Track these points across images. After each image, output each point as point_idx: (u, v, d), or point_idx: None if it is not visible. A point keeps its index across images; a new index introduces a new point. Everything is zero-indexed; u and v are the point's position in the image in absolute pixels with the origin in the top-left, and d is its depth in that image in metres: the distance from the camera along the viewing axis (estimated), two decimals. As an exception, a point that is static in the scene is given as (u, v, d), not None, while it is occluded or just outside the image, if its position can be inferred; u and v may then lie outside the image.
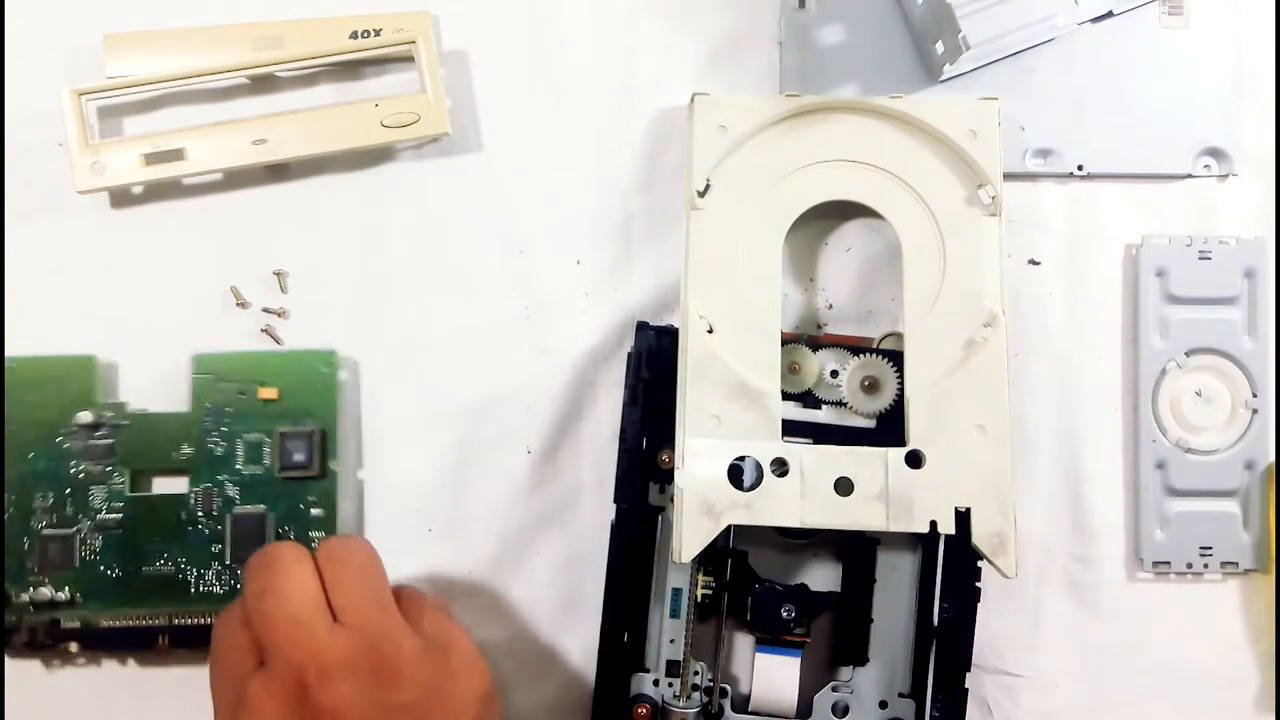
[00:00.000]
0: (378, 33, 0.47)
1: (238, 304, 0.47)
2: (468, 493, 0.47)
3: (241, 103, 0.48)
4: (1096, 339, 0.48)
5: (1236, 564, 0.47)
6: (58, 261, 0.47)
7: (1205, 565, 0.47)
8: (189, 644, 0.45)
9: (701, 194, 0.44)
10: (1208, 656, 0.47)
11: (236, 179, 0.47)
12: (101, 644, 0.45)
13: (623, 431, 0.44)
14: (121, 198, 0.47)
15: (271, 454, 0.45)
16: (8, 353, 0.46)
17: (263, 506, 0.45)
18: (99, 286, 0.47)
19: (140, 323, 0.47)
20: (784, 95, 0.45)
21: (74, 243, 0.47)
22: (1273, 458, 0.47)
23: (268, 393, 0.46)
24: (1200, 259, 0.47)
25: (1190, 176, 0.48)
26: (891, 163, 0.45)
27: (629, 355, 0.45)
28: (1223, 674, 0.47)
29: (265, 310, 0.47)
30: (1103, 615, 0.47)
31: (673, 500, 0.43)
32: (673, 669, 0.44)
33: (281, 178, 0.47)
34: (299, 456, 0.45)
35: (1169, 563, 0.47)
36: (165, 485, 0.46)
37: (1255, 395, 0.47)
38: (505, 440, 0.47)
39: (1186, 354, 0.47)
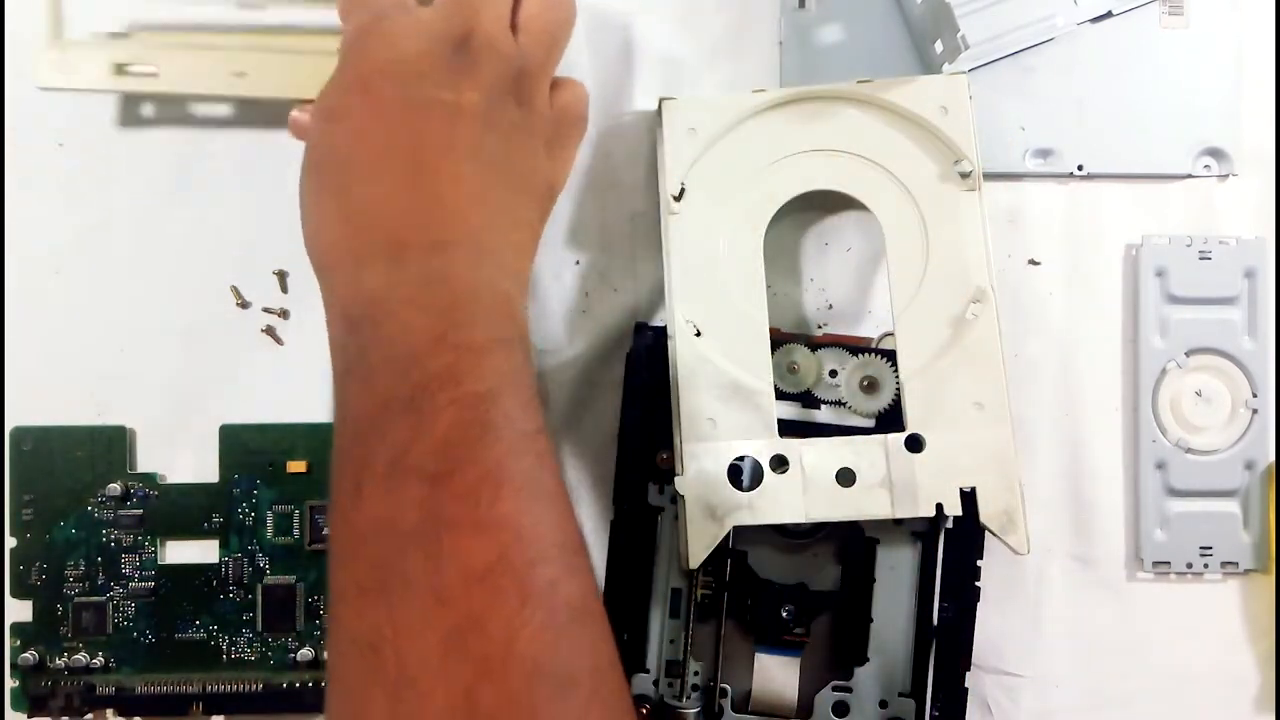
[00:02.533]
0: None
1: (238, 304, 0.47)
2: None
3: (230, 37, 0.47)
4: (1096, 339, 0.48)
5: (1236, 564, 0.47)
6: (59, 263, 0.47)
7: (1205, 565, 0.47)
8: (222, 710, 0.46)
9: (677, 198, 0.44)
10: (1208, 656, 0.47)
11: (237, 176, 0.47)
12: (136, 709, 0.46)
13: (621, 432, 0.44)
14: (123, 193, 0.47)
15: (301, 526, 0.46)
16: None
17: (292, 578, 0.46)
18: (100, 286, 0.47)
19: (140, 326, 0.47)
20: (751, 91, 0.45)
21: (74, 242, 0.47)
22: (1273, 458, 0.47)
23: (297, 466, 0.46)
24: (1200, 259, 0.47)
25: (1190, 176, 0.48)
26: (866, 148, 0.44)
27: (628, 356, 0.45)
28: (1223, 674, 0.47)
29: (265, 310, 0.47)
30: (1103, 615, 0.47)
31: (673, 501, 0.43)
32: (672, 669, 0.44)
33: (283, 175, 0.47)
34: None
35: (1169, 563, 0.47)
36: (196, 554, 0.47)
37: (1255, 395, 0.47)
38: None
39: (1186, 354, 0.47)
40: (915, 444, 0.42)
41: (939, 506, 0.42)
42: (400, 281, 0.35)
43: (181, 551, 0.47)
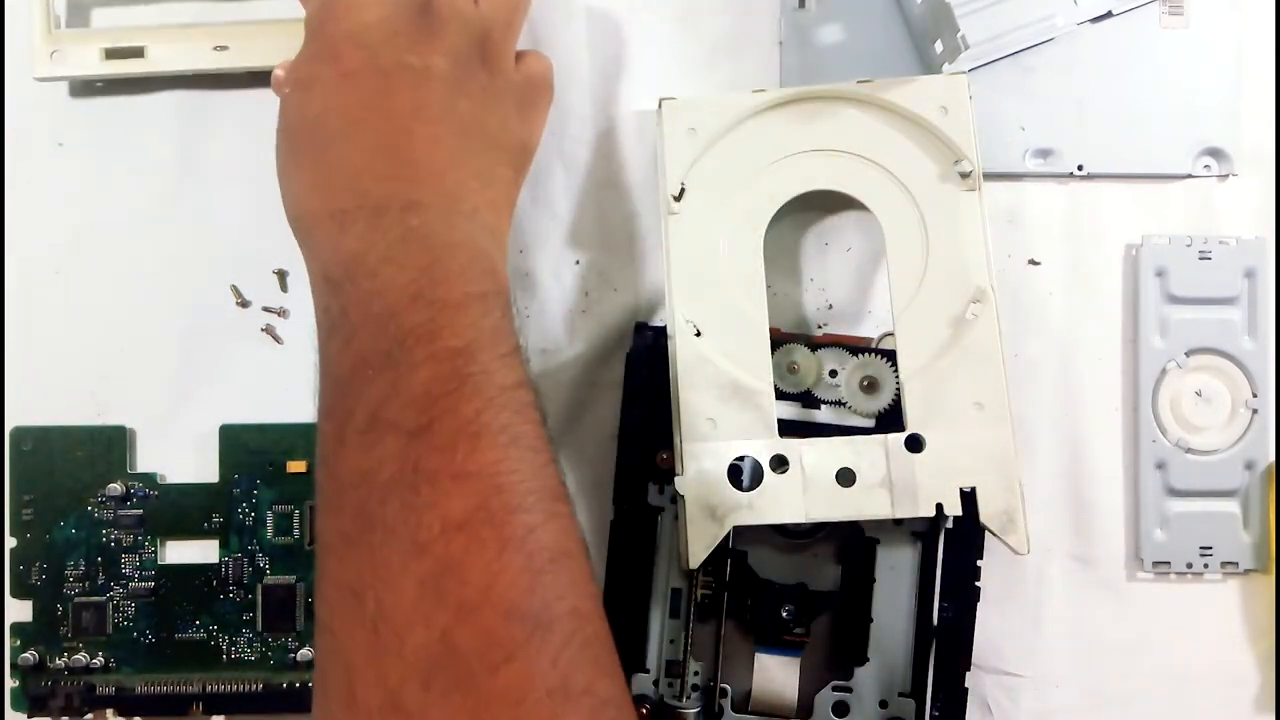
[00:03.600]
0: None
1: (238, 304, 0.47)
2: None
3: (213, 7, 0.48)
4: (1096, 339, 0.48)
5: (1236, 564, 0.47)
6: (59, 263, 0.47)
7: (1205, 565, 0.47)
8: (222, 710, 0.46)
9: (677, 198, 0.44)
10: (1208, 656, 0.47)
11: (236, 176, 0.47)
12: (136, 709, 0.46)
13: (621, 432, 0.44)
14: (122, 193, 0.47)
15: (301, 526, 0.46)
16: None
17: (292, 577, 0.46)
18: (100, 286, 0.47)
19: (140, 326, 0.47)
20: (751, 91, 0.45)
21: (74, 242, 0.47)
22: (1273, 458, 0.47)
23: (296, 466, 0.46)
24: (1200, 259, 0.47)
25: (1190, 176, 0.48)
26: (866, 148, 0.44)
27: (627, 356, 0.45)
28: (1223, 674, 0.47)
29: (265, 309, 0.47)
30: (1102, 615, 0.47)
31: (673, 501, 0.43)
32: (672, 669, 0.44)
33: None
34: None
35: (1169, 563, 0.47)
36: (196, 554, 0.47)
37: (1255, 395, 0.47)
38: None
39: (1186, 354, 0.47)
40: (915, 444, 0.42)
41: (939, 506, 0.42)
42: (378, 241, 0.36)
43: (181, 551, 0.47)
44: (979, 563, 0.43)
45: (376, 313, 0.35)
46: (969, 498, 0.42)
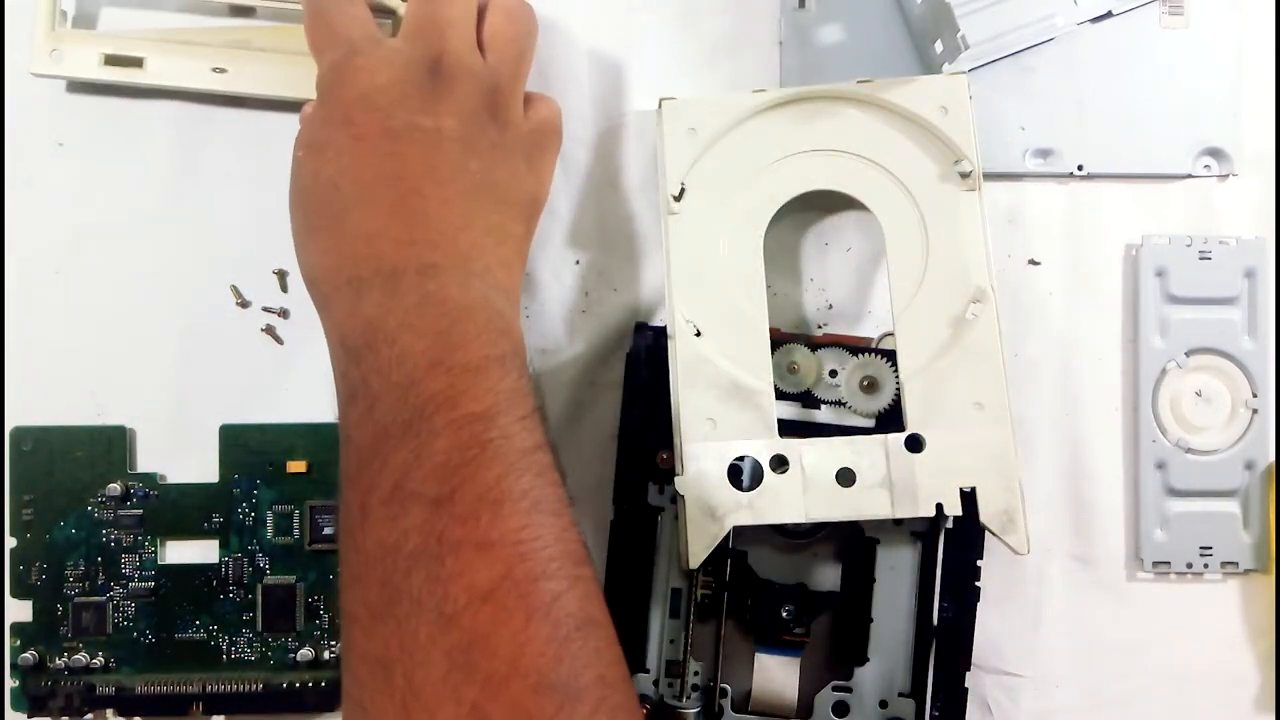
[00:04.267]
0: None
1: (238, 304, 0.47)
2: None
3: (216, 34, 0.47)
4: (1096, 339, 0.48)
5: (1236, 564, 0.47)
6: (59, 262, 0.47)
7: (1205, 565, 0.47)
8: (222, 710, 0.46)
9: (677, 198, 0.44)
10: (1208, 656, 0.47)
11: (236, 176, 0.47)
12: (136, 709, 0.46)
13: (621, 432, 0.44)
14: (122, 193, 0.47)
15: (301, 526, 0.46)
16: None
17: (292, 577, 0.46)
18: (100, 286, 0.47)
19: (140, 325, 0.47)
20: (751, 91, 0.45)
21: (74, 242, 0.47)
22: (1273, 458, 0.47)
23: (297, 466, 0.46)
24: (1200, 259, 0.47)
25: (1190, 176, 0.48)
26: (866, 148, 0.44)
27: (627, 356, 0.45)
28: (1223, 674, 0.47)
29: (265, 310, 0.47)
30: (1102, 615, 0.47)
31: (673, 501, 0.43)
32: (673, 669, 0.44)
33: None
34: (329, 530, 0.46)
35: (1169, 563, 0.47)
36: (196, 554, 0.47)
37: (1255, 395, 0.47)
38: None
39: (1186, 354, 0.47)
40: (915, 444, 0.42)
41: (939, 506, 0.42)
42: (395, 307, 0.36)
43: (181, 551, 0.47)
44: (979, 563, 0.43)
45: (396, 381, 0.35)
46: (969, 498, 0.42)
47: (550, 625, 0.32)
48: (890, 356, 0.44)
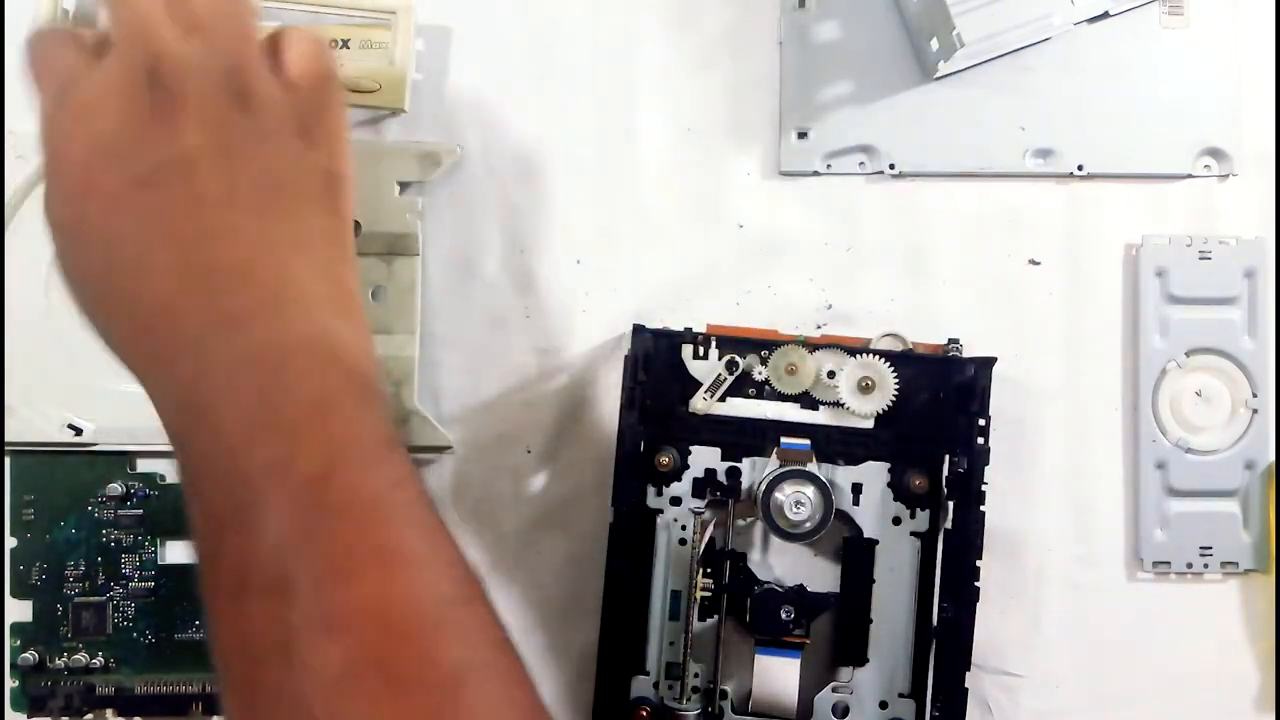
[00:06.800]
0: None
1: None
2: (468, 493, 0.47)
3: None
4: (1096, 339, 0.48)
5: (1236, 564, 0.47)
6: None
7: (1205, 565, 0.47)
8: (222, 710, 0.46)
9: None
10: (1208, 656, 0.47)
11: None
12: (136, 709, 0.46)
13: (620, 435, 0.44)
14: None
15: None
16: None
17: None
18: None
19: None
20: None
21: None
22: (1273, 458, 0.47)
23: None
24: (1200, 259, 0.47)
25: (1190, 176, 0.48)
26: None
27: (626, 358, 0.45)
28: (1223, 674, 0.47)
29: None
30: (1103, 615, 0.47)
31: (672, 503, 0.43)
32: (672, 671, 0.44)
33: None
34: None
35: (1169, 563, 0.47)
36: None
37: (1255, 395, 0.47)
38: (505, 440, 0.47)
39: (1186, 354, 0.47)
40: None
41: None
42: (203, 377, 0.31)
43: (181, 551, 0.46)
44: (979, 563, 0.43)
45: (217, 465, 0.31)
46: None
47: (419, 693, 0.29)
48: (889, 357, 0.44)
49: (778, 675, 0.44)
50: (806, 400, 0.45)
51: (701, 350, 0.45)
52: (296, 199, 0.35)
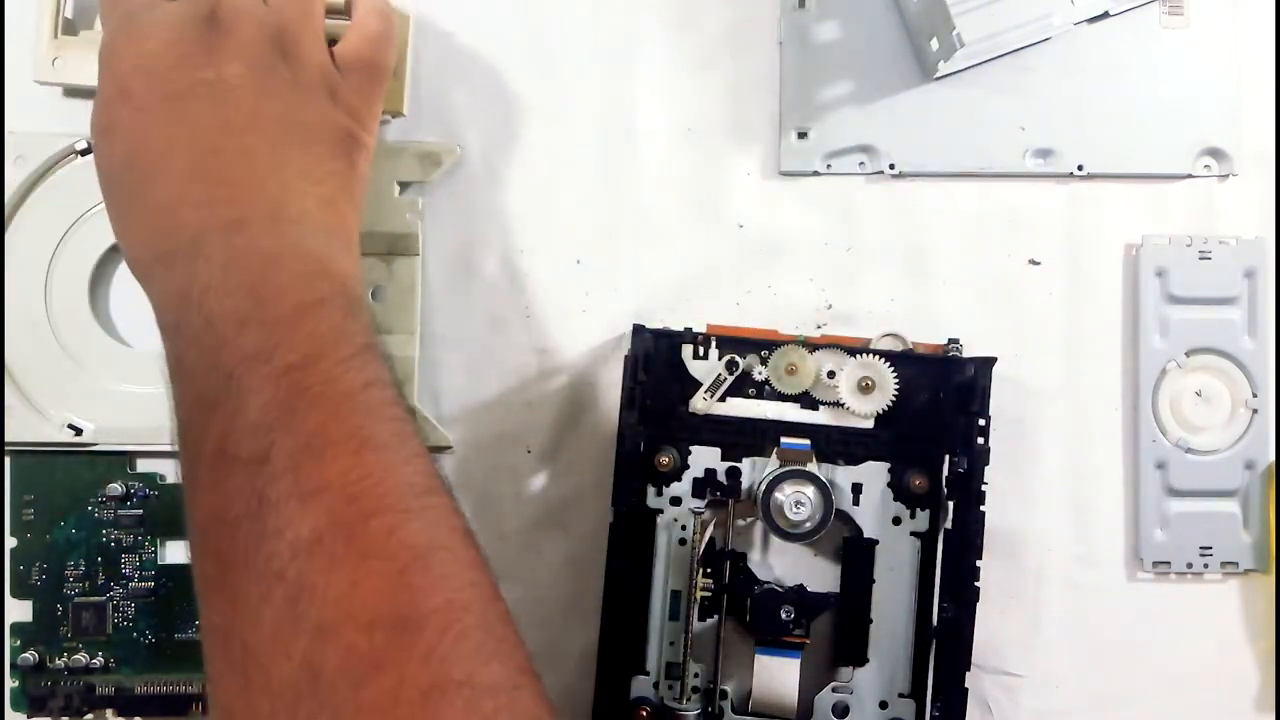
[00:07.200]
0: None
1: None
2: (468, 493, 0.47)
3: None
4: (1096, 339, 0.48)
5: (1236, 564, 0.47)
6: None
7: (1205, 565, 0.47)
8: None
9: None
10: (1208, 656, 0.47)
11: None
12: (136, 709, 0.46)
13: (620, 435, 0.44)
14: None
15: None
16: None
17: None
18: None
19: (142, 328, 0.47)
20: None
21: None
22: (1273, 458, 0.47)
23: None
24: (1200, 259, 0.47)
25: (1190, 176, 0.48)
26: None
27: (625, 358, 0.45)
28: (1223, 674, 0.47)
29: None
30: (1103, 615, 0.47)
31: (672, 503, 0.43)
32: (672, 671, 0.44)
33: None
34: None
35: (1169, 563, 0.47)
36: None
37: (1255, 395, 0.47)
38: (505, 440, 0.47)
39: (1186, 354, 0.47)
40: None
41: None
42: (202, 272, 0.34)
43: (181, 551, 0.46)
44: (979, 563, 0.43)
45: (207, 348, 0.34)
46: None
47: (383, 560, 0.31)
48: (889, 357, 0.44)
49: (778, 675, 0.44)
50: (806, 400, 0.45)
51: (701, 350, 0.45)
52: (312, 140, 0.38)
